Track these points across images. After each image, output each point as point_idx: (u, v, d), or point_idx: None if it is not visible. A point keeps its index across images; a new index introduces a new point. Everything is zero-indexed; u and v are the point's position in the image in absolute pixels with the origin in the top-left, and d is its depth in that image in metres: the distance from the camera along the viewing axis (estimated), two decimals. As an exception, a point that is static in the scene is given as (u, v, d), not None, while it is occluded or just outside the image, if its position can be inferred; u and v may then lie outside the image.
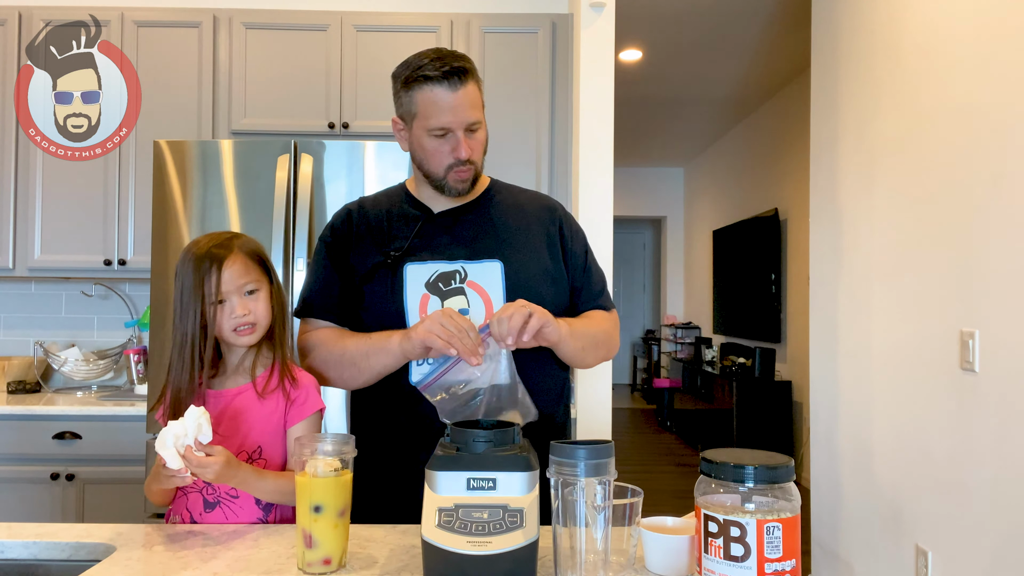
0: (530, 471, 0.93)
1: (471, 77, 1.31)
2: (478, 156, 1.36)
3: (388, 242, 1.39)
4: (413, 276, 1.34)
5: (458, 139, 1.31)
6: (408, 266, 1.35)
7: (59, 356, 2.95)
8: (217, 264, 1.26)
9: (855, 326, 2.84)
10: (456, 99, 1.29)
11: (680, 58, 4.91)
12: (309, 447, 1.03)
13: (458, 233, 1.39)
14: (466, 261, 1.36)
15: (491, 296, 1.34)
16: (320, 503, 1.00)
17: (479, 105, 1.34)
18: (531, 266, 1.38)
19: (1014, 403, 1.96)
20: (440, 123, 1.30)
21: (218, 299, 1.27)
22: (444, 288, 1.33)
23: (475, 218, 1.42)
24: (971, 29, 2.15)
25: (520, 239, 1.40)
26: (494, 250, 1.37)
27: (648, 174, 8.84)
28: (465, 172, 1.35)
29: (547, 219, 1.46)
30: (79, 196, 2.85)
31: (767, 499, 0.84)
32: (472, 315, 1.32)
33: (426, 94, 1.29)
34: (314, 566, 1.00)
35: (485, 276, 1.34)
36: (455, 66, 1.28)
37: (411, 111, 1.33)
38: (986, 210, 2.07)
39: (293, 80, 2.89)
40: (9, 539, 1.15)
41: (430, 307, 1.32)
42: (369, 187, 2.39)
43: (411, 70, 1.31)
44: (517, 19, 2.91)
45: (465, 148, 1.31)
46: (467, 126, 1.31)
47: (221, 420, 1.28)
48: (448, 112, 1.29)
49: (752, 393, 5.31)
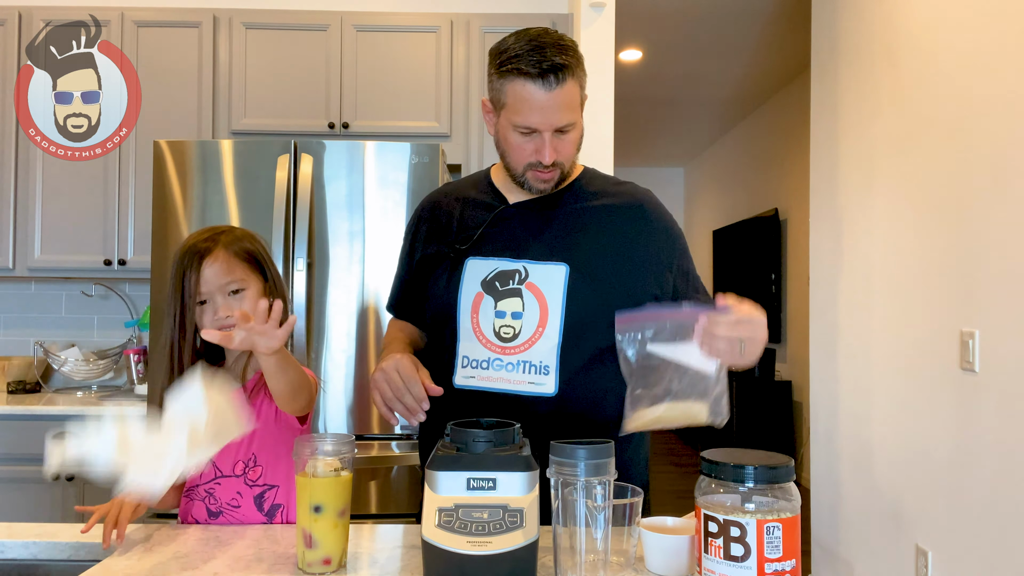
0: (530, 471, 0.93)
1: (570, 75, 1.18)
2: (566, 157, 1.25)
3: (458, 233, 1.31)
4: (472, 272, 1.27)
5: (544, 141, 1.21)
6: (470, 261, 1.28)
7: (59, 356, 2.95)
8: (197, 261, 1.19)
9: (855, 326, 2.83)
10: (549, 100, 1.17)
11: (680, 58, 4.91)
12: (309, 447, 1.02)
13: (530, 228, 1.29)
14: (530, 260, 1.25)
15: (548, 302, 1.23)
16: (320, 503, 0.99)
17: (575, 105, 1.21)
18: (603, 274, 1.26)
19: (1014, 403, 1.96)
20: (528, 122, 1.20)
21: (198, 299, 1.20)
22: (500, 288, 1.25)
23: (551, 213, 1.30)
24: (971, 29, 2.15)
25: (597, 240, 1.28)
26: (564, 250, 1.26)
27: (648, 174, 8.84)
28: (547, 174, 1.25)
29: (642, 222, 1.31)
30: (79, 196, 2.85)
31: (767, 499, 0.84)
32: (525, 320, 1.23)
33: (517, 88, 1.18)
34: (314, 566, 1.00)
35: (547, 279, 1.24)
36: (554, 62, 1.16)
37: (500, 99, 1.23)
38: (986, 210, 2.07)
39: (293, 80, 2.89)
40: (9, 539, 1.15)
41: (483, 308, 1.25)
42: (369, 187, 2.39)
43: (506, 56, 1.19)
44: (517, 19, 2.91)
45: (550, 151, 1.21)
46: (557, 128, 1.21)
47: None
48: (538, 113, 1.18)
49: (752, 393, 5.31)
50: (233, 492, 1.25)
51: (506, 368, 1.23)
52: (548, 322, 1.23)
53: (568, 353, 1.23)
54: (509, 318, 1.24)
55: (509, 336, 1.23)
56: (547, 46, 1.17)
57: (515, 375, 1.23)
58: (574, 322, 1.23)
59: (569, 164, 1.28)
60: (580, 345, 1.24)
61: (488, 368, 1.23)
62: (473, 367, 1.24)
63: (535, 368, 1.22)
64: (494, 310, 1.24)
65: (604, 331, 1.22)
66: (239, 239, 1.26)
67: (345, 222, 2.38)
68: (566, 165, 1.27)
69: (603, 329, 1.22)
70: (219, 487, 1.25)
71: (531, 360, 1.22)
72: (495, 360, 1.23)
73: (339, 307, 2.36)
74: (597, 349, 1.25)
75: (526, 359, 1.23)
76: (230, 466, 1.26)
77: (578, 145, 1.28)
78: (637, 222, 1.32)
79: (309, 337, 2.34)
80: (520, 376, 1.23)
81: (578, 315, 1.23)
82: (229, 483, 1.26)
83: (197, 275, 1.19)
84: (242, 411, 1.03)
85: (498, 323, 1.24)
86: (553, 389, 1.22)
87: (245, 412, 1.13)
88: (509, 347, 1.23)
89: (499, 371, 1.23)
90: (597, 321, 1.23)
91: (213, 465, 1.25)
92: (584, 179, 1.37)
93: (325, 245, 2.37)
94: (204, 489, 1.26)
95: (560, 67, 1.17)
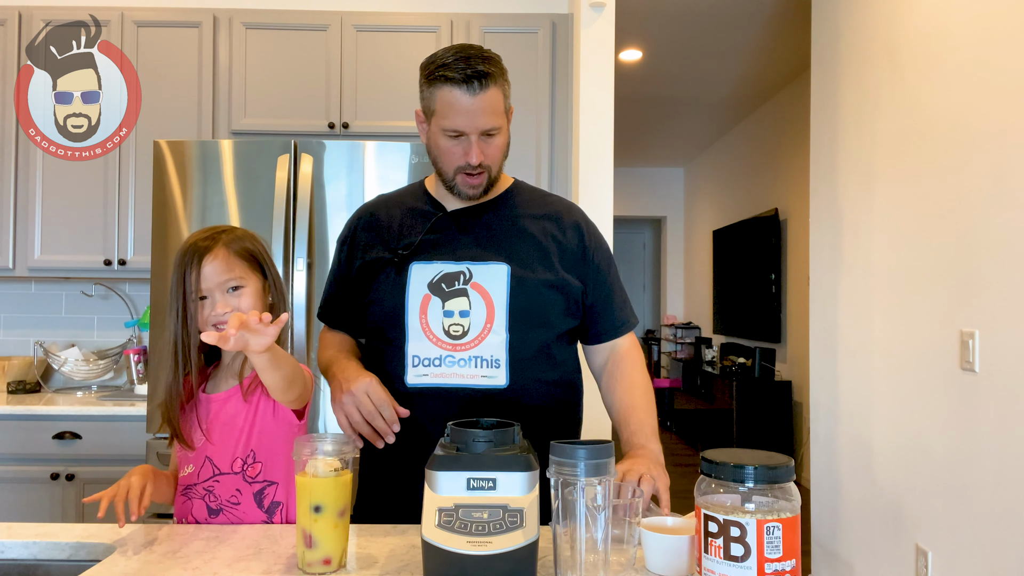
0: (530, 471, 0.93)
1: (493, 82, 1.27)
2: (493, 161, 1.33)
3: (398, 240, 1.38)
4: (417, 276, 1.33)
5: (471, 143, 1.29)
6: (414, 265, 1.34)
7: (59, 356, 2.95)
8: (198, 258, 1.22)
9: (855, 326, 2.83)
10: (473, 104, 1.25)
11: (680, 58, 4.91)
12: (309, 447, 1.02)
13: (468, 233, 1.37)
14: (472, 262, 1.33)
15: (494, 299, 1.30)
16: (320, 503, 0.99)
17: (499, 111, 1.30)
18: (539, 272, 1.34)
19: (1014, 403, 1.96)
20: (454, 125, 1.27)
21: (199, 296, 1.23)
22: (447, 289, 1.32)
23: (488, 218, 1.39)
24: (971, 29, 2.15)
25: (532, 243, 1.37)
26: (502, 252, 1.34)
27: (648, 174, 8.84)
28: (476, 178, 1.32)
29: (566, 226, 1.41)
30: (79, 196, 2.85)
31: (767, 499, 0.84)
32: (472, 318, 1.30)
33: (445, 94, 1.26)
34: (314, 566, 1.00)
35: (490, 278, 1.31)
36: (478, 69, 1.24)
37: (430, 107, 1.31)
38: (986, 210, 2.07)
39: (293, 80, 2.89)
40: (9, 539, 1.15)
41: (431, 308, 1.31)
42: (369, 187, 2.39)
43: (434, 66, 1.28)
44: (517, 19, 2.91)
45: (477, 154, 1.29)
46: (482, 132, 1.28)
47: (213, 426, 1.26)
48: (464, 116, 1.26)
49: (752, 393, 5.31)
50: (232, 489, 1.26)
51: (458, 364, 1.29)
52: (495, 318, 1.30)
53: (516, 346, 1.30)
54: (457, 316, 1.30)
55: (459, 334, 1.30)
56: (471, 56, 1.27)
57: (467, 370, 1.29)
58: (519, 317, 1.31)
59: (496, 169, 1.35)
60: (526, 339, 1.31)
61: (440, 365, 1.29)
62: (425, 365, 1.30)
63: (486, 362, 1.29)
64: (442, 310, 1.31)
65: (547, 325, 1.34)
66: (240, 238, 1.29)
67: (345, 222, 2.38)
68: (493, 169, 1.34)
69: (545, 323, 1.34)
70: (218, 484, 1.26)
71: (482, 355, 1.29)
72: (447, 357, 1.29)
73: (339, 307, 2.36)
74: (542, 342, 1.34)
75: (477, 354, 1.29)
76: (228, 463, 1.26)
77: (504, 151, 1.36)
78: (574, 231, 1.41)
79: (309, 337, 2.34)
80: (473, 370, 1.29)
81: (523, 311, 1.31)
82: (228, 480, 1.26)
83: (197, 272, 1.22)
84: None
85: (447, 322, 1.30)
86: (504, 381, 1.29)
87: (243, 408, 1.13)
88: (459, 344, 1.30)
89: (451, 367, 1.29)
90: (539, 315, 1.33)
91: (211, 463, 1.26)
92: (515, 189, 1.46)
93: (325, 245, 2.37)
94: (203, 487, 1.26)
95: (483, 74, 1.25)
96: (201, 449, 1.27)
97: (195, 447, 1.27)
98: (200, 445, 1.27)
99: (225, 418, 1.27)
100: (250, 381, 1.27)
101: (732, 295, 6.71)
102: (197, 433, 1.27)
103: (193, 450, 1.27)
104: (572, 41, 2.88)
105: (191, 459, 1.27)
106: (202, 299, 1.24)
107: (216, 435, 1.26)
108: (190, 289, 1.22)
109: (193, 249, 1.23)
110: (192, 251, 1.23)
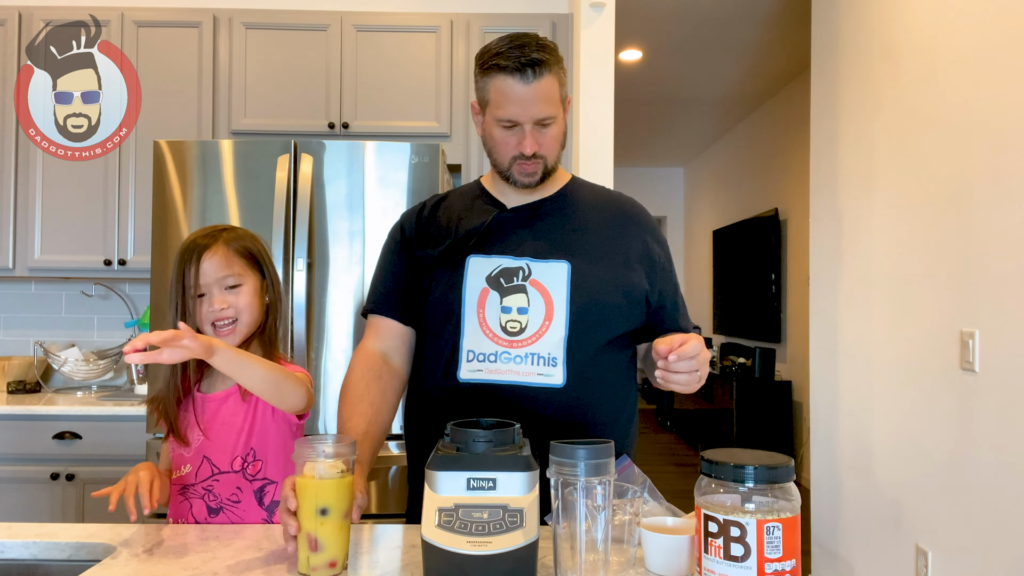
0: (530, 471, 0.93)
1: (548, 70, 1.24)
2: (549, 151, 1.31)
3: (455, 234, 1.35)
4: (475, 269, 1.30)
5: (525, 133, 1.27)
6: (471, 259, 1.31)
7: (59, 356, 2.95)
8: (197, 255, 1.23)
9: (855, 326, 2.83)
10: (527, 93, 1.23)
11: (680, 58, 4.91)
12: (311, 449, 1.00)
13: (528, 228, 1.34)
14: (532, 258, 1.29)
15: (553, 297, 1.27)
16: (326, 506, 0.98)
17: (555, 100, 1.27)
18: (602, 271, 1.31)
19: (1014, 403, 1.96)
20: (508, 115, 1.25)
21: (197, 292, 1.23)
22: (505, 284, 1.29)
23: (548, 214, 1.36)
24: (971, 29, 2.15)
25: (594, 241, 1.33)
26: (563, 249, 1.31)
27: (648, 174, 8.84)
28: (531, 166, 1.30)
29: (631, 224, 1.37)
30: (79, 196, 2.85)
31: (767, 499, 0.84)
32: (531, 315, 1.27)
33: (498, 83, 1.25)
34: (319, 570, 0.97)
35: (550, 275, 1.28)
36: (532, 57, 1.22)
37: (484, 97, 1.29)
38: (986, 210, 2.07)
39: (293, 80, 2.89)
40: (9, 539, 1.15)
41: (489, 302, 1.28)
42: (369, 187, 2.39)
43: (488, 55, 1.26)
44: (517, 19, 2.91)
45: (531, 143, 1.27)
46: (537, 121, 1.26)
47: (211, 426, 1.26)
48: (517, 105, 1.24)
49: (752, 393, 5.31)
50: (233, 487, 1.26)
51: (514, 361, 1.25)
52: (554, 316, 1.26)
53: (574, 346, 1.26)
54: (515, 313, 1.27)
55: (516, 330, 1.26)
56: (527, 44, 1.24)
57: (523, 367, 1.25)
58: (579, 316, 1.27)
59: (552, 159, 1.33)
60: (585, 338, 1.27)
61: (496, 361, 1.26)
62: (480, 361, 1.26)
63: (543, 360, 1.25)
64: (500, 305, 1.27)
65: (607, 325, 1.30)
66: (240, 237, 1.30)
67: (345, 222, 2.38)
68: (549, 159, 1.32)
69: (606, 323, 1.29)
70: (218, 483, 1.26)
71: (539, 352, 1.25)
72: (503, 353, 1.26)
73: (339, 307, 2.36)
74: (601, 342, 1.29)
75: (534, 351, 1.25)
76: (228, 462, 1.26)
77: (560, 142, 1.33)
78: (640, 230, 1.38)
79: (309, 337, 2.34)
80: (529, 368, 1.25)
81: (583, 309, 1.27)
82: (228, 479, 1.26)
83: (196, 268, 1.23)
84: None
85: (504, 318, 1.27)
86: (561, 380, 1.25)
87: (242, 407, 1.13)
88: (516, 340, 1.26)
89: (507, 364, 1.25)
90: (600, 315, 1.29)
91: (209, 462, 1.26)
92: (574, 185, 1.43)
93: (325, 245, 2.37)
94: (202, 487, 1.26)
95: (538, 62, 1.23)
96: (199, 448, 1.27)
97: (191, 445, 1.27)
98: (198, 444, 1.27)
99: (224, 417, 1.27)
100: None
101: (732, 295, 6.71)
102: (195, 431, 1.27)
103: (189, 448, 1.27)
104: (572, 41, 2.88)
105: (188, 459, 1.27)
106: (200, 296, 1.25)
107: (214, 434, 1.26)
108: (188, 285, 1.23)
109: (193, 246, 1.25)
110: (192, 248, 1.24)
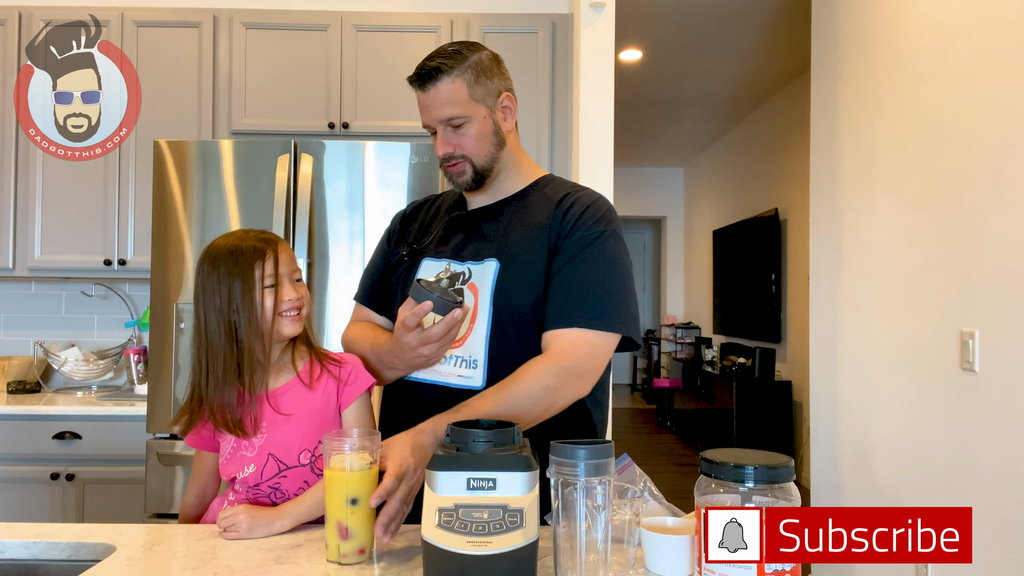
0: (530, 471, 0.93)
1: (446, 74, 1.27)
2: (471, 150, 1.30)
3: (421, 236, 1.42)
4: (424, 272, 1.36)
5: (438, 136, 1.32)
6: (425, 261, 1.37)
7: (59, 356, 2.95)
8: (272, 248, 1.26)
9: (855, 326, 2.83)
10: (427, 99, 1.30)
11: (680, 58, 4.91)
12: (341, 442, 1.06)
13: (476, 230, 1.36)
14: (473, 261, 1.32)
15: (479, 298, 1.27)
16: (356, 495, 1.04)
17: (461, 101, 1.28)
18: (525, 271, 1.27)
19: (1014, 403, 1.96)
20: (423, 122, 1.33)
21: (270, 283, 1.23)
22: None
23: (503, 215, 1.35)
24: (971, 29, 2.15)
25: (529, 237, 1.30)
26: (495, 250, 1.31)
27: (648, 174, 8.84)
28: (454, 166, 1.32)
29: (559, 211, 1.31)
30: (79, 196, 2.85)
31: (767, 499, 0.84)
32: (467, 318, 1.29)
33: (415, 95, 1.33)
34: (349, 556, 1.04)
35: (482, 277, 1.29)
36: (426, 67, 1.28)
37: None
38: (986, 210, 2.07)
39: (293, 80, 2.89)
40: (9, 539, 1.15)
41: None
42: (369, 187, 2.39)
43: None
44: (517, 19, 2.91)
45: (441, 144, 1.31)
46: (444, 122, 1.30)
47: (276, 422, 1.25)
48: (423, 112, 1.32)
49: (752, 393, 5.31)
50: (300, 482, 1.25)
51: (441, 362, 1.29)
52: (478, 317, 1.27)
53: (495, 347, 1.26)
54: None
55: None
56: (433, 55, 1.30)
57: (446, 368, 1.28)
58: (501, 316, 1.26)
59: (481, 158, 1.32)
60: (505, 339, 1.26)
61: None
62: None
63: (465, 362, 1.28)
64: None
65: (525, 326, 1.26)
66: None
67: (345, 222, 2.38)
68: (475, 158, 1.32)
69: (523, 324, 1.26)
70: (285, 480, 1.25)
71: (462, 355, 1.28)
72: None
73: (339, 307, 2.36)
74: (521, 343, 1.26)
75: (458, 353, 1.28)
76: (295, 456, 1.25)
77: (489, 141, 1.32)
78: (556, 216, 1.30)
79: (309, 337, 2.34)
80: (450, 369, 1.28)
81: (504, 309, 1.26)
82: (295, 474, 1.25)
83: (275, 259, 1.25)
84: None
85: None
86: (481, 382, 1.26)
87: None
88: None
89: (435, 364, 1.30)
90: (523, 313, 1.26)
91: (275, 459, 1.24)
92: (541, 183, 1.40)
93: (325, 245, 2.37)
94: (268, 485, 1.25)
95: (433, 69, 1.27)
96: (263, 446, 1.25)
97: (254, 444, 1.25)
98: (262, 443, 1.25)
99: (288, 411, 1.26)
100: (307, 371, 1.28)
101: (732, 295, 6.71)
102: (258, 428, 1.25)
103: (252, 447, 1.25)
104: (572, 41, 2.88)
105: (251, 459, 1.25)
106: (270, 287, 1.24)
107: (278, 429, 1.25)
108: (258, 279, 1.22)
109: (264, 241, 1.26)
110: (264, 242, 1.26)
